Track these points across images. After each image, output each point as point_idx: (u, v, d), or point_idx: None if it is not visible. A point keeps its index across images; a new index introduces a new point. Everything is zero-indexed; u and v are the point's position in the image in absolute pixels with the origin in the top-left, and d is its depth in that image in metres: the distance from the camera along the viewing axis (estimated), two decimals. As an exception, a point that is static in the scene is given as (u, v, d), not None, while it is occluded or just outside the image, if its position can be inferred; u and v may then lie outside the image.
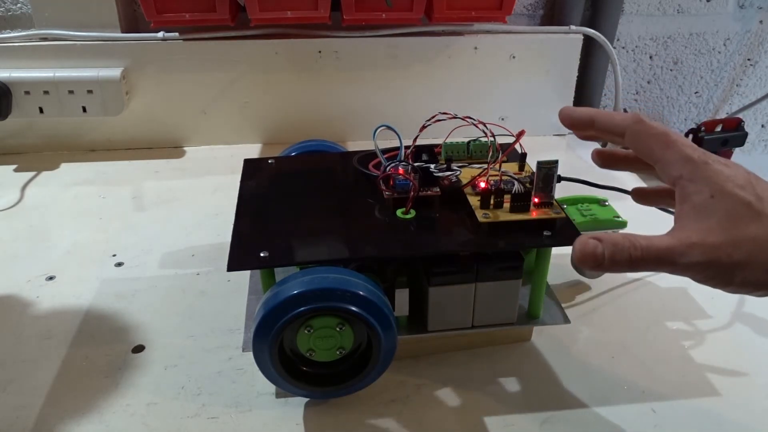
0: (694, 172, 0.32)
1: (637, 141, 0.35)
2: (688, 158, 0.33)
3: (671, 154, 0.33)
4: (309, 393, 0.40)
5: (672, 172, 0.33)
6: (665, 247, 0.31)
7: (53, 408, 0.41)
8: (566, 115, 0.38)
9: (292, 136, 0.71)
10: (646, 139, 0.34)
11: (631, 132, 0.35)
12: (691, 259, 0.31)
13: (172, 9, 0.66)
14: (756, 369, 0.44)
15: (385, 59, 0.74)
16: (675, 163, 0.33)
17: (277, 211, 0.43)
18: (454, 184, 0.44)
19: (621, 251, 0.31)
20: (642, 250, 0.31)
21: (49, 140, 0.75)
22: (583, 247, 0.32)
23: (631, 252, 0.31)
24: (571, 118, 0.38)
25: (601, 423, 0.40)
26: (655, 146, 0.34)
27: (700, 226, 0.31)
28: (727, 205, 0.31)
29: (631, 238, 0.32)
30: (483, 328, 0.42)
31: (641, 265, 0.31)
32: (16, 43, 0.69)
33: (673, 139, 0.34)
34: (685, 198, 0.32)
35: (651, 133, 0.34)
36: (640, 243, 0.31)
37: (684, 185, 0.32)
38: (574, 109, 0.38)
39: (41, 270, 0.54)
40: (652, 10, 0.81)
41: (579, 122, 0.38)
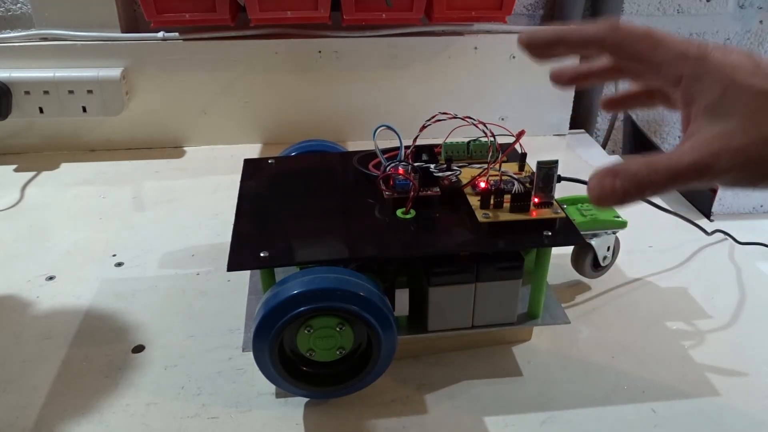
0: (696, 68, 0.29)
1: (621, 50, 0.31)
2: (684, 54, 0.29)
3: (664, 54, 0.30)
4: (309, 393, 0.40)
5: (669, 73, 0.30)
6: (689, 163, 0.28)
7: (53, 408, 0.41)
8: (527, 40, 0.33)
9: (292, 136, 0.71)
10: (631, 44, 0.31)
11: (612, 41, 0.31)
12: (720, 168, 0.27)
13: (172, 9, 0.66)
14: (756, 369, 0.44)
15: (385, 59, 0.74)
16: (671, 62, 0.29)
17: (277, 211, 0.43)
18: (454, 184, 0.44)
19: (642, 180, 0.28)
20: (664, 173, 0.28)
21: (49, 140, 0.75)
22: (600, 186, 0.29)
23: (653, 178, 0.28)
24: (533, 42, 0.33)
25: (601, 423, 0.40)
26: (643, 50, 0.30)
27: (719, 129, 0.28)
28: (743, 99, 0.28)
29: (648, 163, 0.28)
30: (483, 328, 0.42)
31: (667, 187, 0.28)
32: (16, 43, 0.69)
33: (661, 36, 0.30)
34: (692, 99, 0.29)
35: (635, 35, 0.30)
36: (659, 165, 0.28)
37: (688, 85, 0.29)
38: (535, 32, 0.33)
39: (41, 270, 0.54)
40: (652, 10, 0.81)
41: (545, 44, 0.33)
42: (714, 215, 0.64)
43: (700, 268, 0.55)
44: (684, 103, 0.29)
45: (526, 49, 0.34)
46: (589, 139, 0.83)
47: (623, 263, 0.54)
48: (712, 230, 0.59)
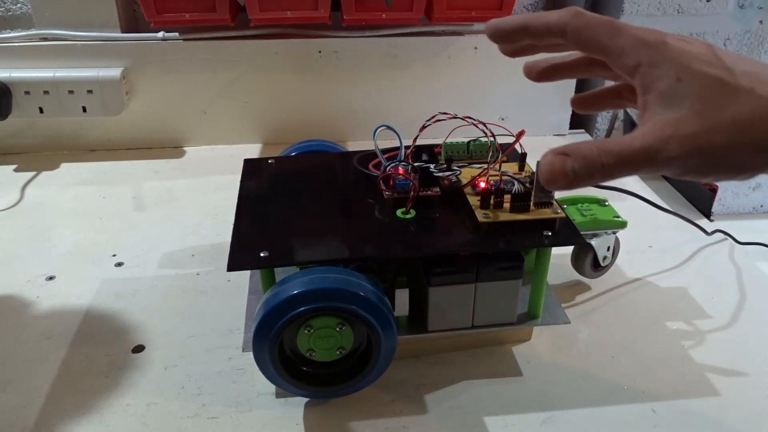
0: (653, 56, 0.29)
1: (580, 36, 0.31)
2: (643, 41, 0.29)
3: (623, 41, 0.29)
4: (309, 393, 0.40)
5: (628, 60, 0.29)
6: (639, 148, 0.28)
7: (53, 408, 0.40)
8: (493, 27, 0.34)
9: (292, 136, 0.71)
10: (590, 32, 0.30)
11: (573, 27, 0.31)
12: (669, 154, 0.27)
13: (172, 9, 0.66)
14: (756, 369, 0.44)
15: (385, 59, 0.74)
16: (629, 50, 0.29)
17: (277, 211, 0.43)
18: (454, 184, 0.44)
19: (592, 162, 0.28)
20: (615, 156, 0.28)
21: (49, 140, 0.75)
22: (550, 166, 0.29)
23: (603, 161, 0.28)
24: (499, 29, 0.34)
25: (601, 423, 0.40)
26: (602, 37, 0.30)
27: (671, 116, 0.28)
28: (697, 86, 0.28)
29: (599, 145, 0.28)
30: (483, 328, 0.42)
31: (617, 171, 0.28)
32: (16, 43, 0.69)
33: (621, 25, 0.30)
34: (648, 87, 0.29)
35: (595, 23, 0.30)
36: (610, 148, 0.28)
37: (645, 73, 0.29)
38: (502, 20, 0.33)
39: (41, 270, 0.54)
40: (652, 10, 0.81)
41: (510, 31, 0.33)
42: (714, 215, 0.64)
43: (700, 268, 0.55)
44: (641, 90, 0.29)
45: (492, 38, 0.34)
46: (589, 139, 0.83)
47: (623, 263, 0.54)
48: (712, 230, 0.59)
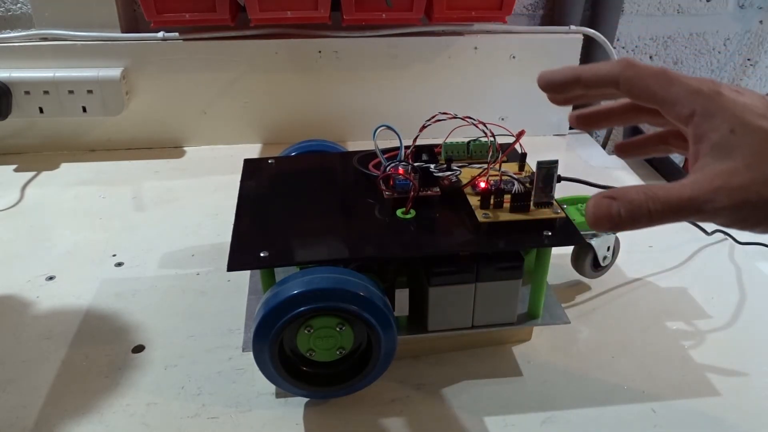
0: (707, 106, 0.29)
1: (633, 85, 0.31)
2: (697, 91, 0.29)
3: (677, 91, 0.30)
4: (309, 393, 0.40)
5: (682, 110, 0.30)
6: (688, 197, 0.28)
7: (53, 408, 0.41)
8: (545, 79, 0.34)
9: (292, 136, 0.71)
10: (644, 81, 0.31)
11: (625, 78, 0.31)
12: (717, 205, 0.28)
13: (172, 9, 0.66)
14: (756, 369, 0.44)
15: (385, 59, 0.74)
16: (683, 99, 0.30)
17: (277, 211, 0.43)
18: (454, 184, 0.44)
19: (639, 208, 0.28)
20: (662, 203, 0.28)
21: (49, 140, 0.74)
22: (596, 208, 0.29)
23: (650, 207, 0.28)
24: (550, 81, 0.34)
25: (601, 423, 0.40)
26: (656, 86, 0.30)
27: (722, 167, 0.28)
28: (750, 139, 0.28)
29: (647, 191, 0.28)
30: (483, 328, 0.42)
31: (663, 218, 0.28)
32: (16, 43, 0.69)
33: (674, 74, 0.30)
34: (701, 137, 0.29)
35: (648, 73, 0.31)
36: (658, 195, 0.28)
37: (698, 122, 0.29)
38: (554, 71, 0.34)
39: (41, 270, 0.54)
40: (652, 10, 0.81)
41: (562, 83, 0.34)
42: (714, 215, 0.64)
43: (700, 268, 0.55)
44: (694, 139, 0.29)
45: (544, 89, 0.35)
46: (589, 139, 0.83)
47: (623, 263, 0.54)
48: (712, 230, 0.59)
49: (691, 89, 0.30)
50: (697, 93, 0.29)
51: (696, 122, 0.29)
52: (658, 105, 0.31)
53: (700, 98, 0.29)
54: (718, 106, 0.29)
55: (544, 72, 0.34)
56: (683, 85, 0.30)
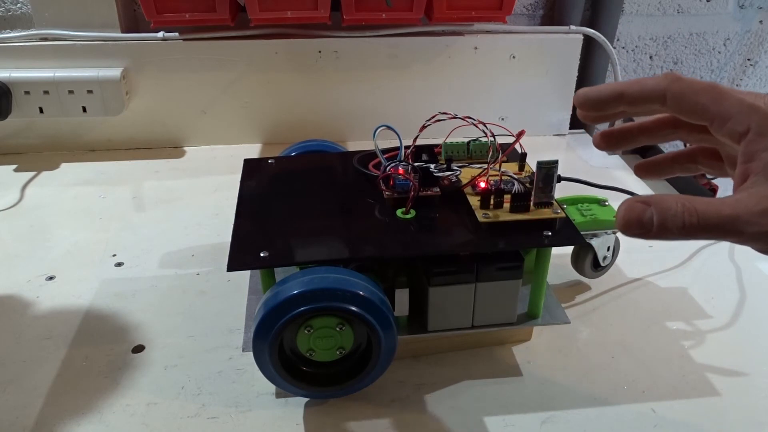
0: (763, 124, 0.27)
1: (682, 101, 0.29)
2: (753, 108, 0.28)
3: (730, 106, 0.28)
4: (309, 393, 0.40)
5: (736, 126, 0.28)
6: (729, 214, 0.26)
7: (53, 408, 0.41)
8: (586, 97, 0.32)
9: (292, 136, 0.71)
10: (694, 96, 0.29)
11: (674, 93, 0.29)
12: (761, 228, 0.26)
13: (172, 9, 0.66)
14: (756, 369, 0.44)
15: (385, 59, 0.74)
16: (737, 115, 0.28)
17: (277, 211, 0.43)
18: (454, 184, 0.44)
19: (673, 217, 0.27)
20: (699, 217, 0.26)
21: (49, 140, 0.74)
22: (628, 212, 0.27)
23: (685, 218, 0.27)
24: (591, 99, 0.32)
25: (601, 423, 0.40)
26: (707, 101, 0.29)
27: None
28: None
29: (685, 202, 0.27)
30: (483, 328, 0.42)
31: (697, 233, 0.27)
32: (16, 43, 0.69)
33: (726, 89, 0.29)
34: (753, 155, 0.27)
35: (697, 88, 0.29)
36: (697, 208, 0.27)
37: (752, 140, 0.27)
38: (595, 89, 0.32)
39: (41, 270, 0.54)
40: (652, 10, 0.81)
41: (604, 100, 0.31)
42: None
43: (700, 268, 0.55)
44: (745, 158, 0.28)
45: (582, 107, 0.32)
46: (589, 139, 0.83)
47: (623, 263, 0.54)
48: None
49: (746, 105, 0.28)
50: (752, 109, 0.28)
51: (750, 139, 0.28)
52: (708, 121, 0.29)
53: (756, 115, 0.28)
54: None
55: (585, 90, 0.32)
56: (737, 101, 0.28)
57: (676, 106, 0.30)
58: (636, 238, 0.28)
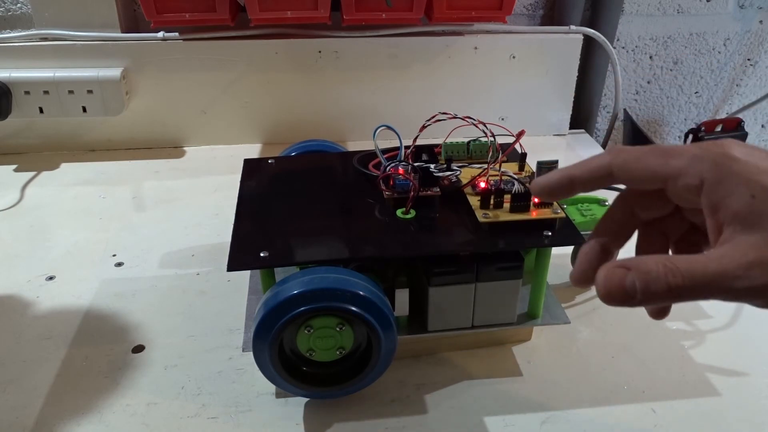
0: (716, 171, 0.26)
1: (629, 169, 0.29)
2: (699, 157, 0.27)
3: (678, 163, 0.27)
4: (309, 393, 0.40)
5: (689, 180, 0.27)
6: (716, 271, 0.25)
7: (53, 408, 0.41)
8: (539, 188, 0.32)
9: (292, 136, 0.71)
10: (638, 163, 0.28)
11: (618, 165, 0.29)
12: (753, 282, 0.25)
13: (172, 9, 0.66)
14: (756, 369, 0.44)
15: (385, 59, 0.74)
16: (688, 169, 0.27)
17: (277, 211, 0.43)
18: (454, 184, 0.44)
19: (656, 281, 0.25)
20: (684, 277, 0.25)
21: (49, 140, 0.75)
22: (607, 280, 0.26)
23: (669, 281, 0.25)
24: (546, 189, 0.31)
25: (601, 423, 0.40)
26: (653, 164, 0.28)
27: (754, 238, 0.25)
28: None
29: (667, 262, 0.25)
30: (483, 328, 0.42)
31: (686, 294, 0.25)
32: (16, 43, 0.69)
33: (669, 147, 0.28)
34: (717, 206, 0.26)
35: (639, 154, 0.28)
36: (679, 267, 0.25)
37: (710, 191, 0.26)
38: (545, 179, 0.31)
39: (41, 270, 0.54)
40: (652, 10, 0.81)
41: (557, 188, 0.31)
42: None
43: (700, 268, 0.55)
44: (710, 210, 0.26)
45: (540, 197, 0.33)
46: (589, 139, 0.83)
47: (623, 263, 0.54)
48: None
49: (693, 156, 0.27)
50: (700, 159, 0.27)
51: (707, 190, 0.26)
52: (660, 182, 0.28)
53: (705, 164, 0.26)
54: (728, 170, 0.26)
55: (536, 181, 0.32)
56: (683, 155, 0.27)
57: (626, 177, 0.29)
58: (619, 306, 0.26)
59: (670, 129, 0.92)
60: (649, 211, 0.31)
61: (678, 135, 0.93)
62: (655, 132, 0.92)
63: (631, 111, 0.88)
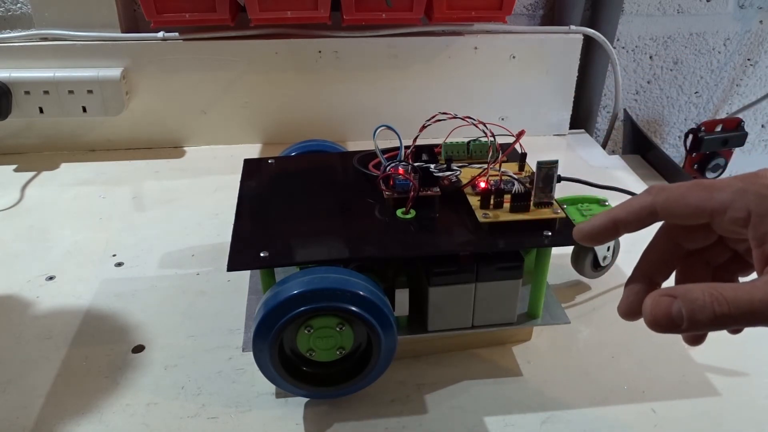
0: (762, 205, 0.27)
1: (674, 207, 0.29)
2: (744, 191, 0.27)
3: (722, 196, 0.28)
4: (309, 393, 0.40)
5: (736, 214, 0.27)
6: (762, 299, 0.25)
7: (53, 408, 0.41)
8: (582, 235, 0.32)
9: (292, 136, 0.71)
10: (683, 200, 0.29)
11: (661, 203, 0.29)
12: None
13: (172, 9, 0.66)
14: (756, 369, 0.44)
15: (385, 59, 0.74)
16: (733, 203, 0.27)
17: (277, 211, 0.43)
18: (454, 184, 0.44)
19: (702, 309, 0.26)
20: (729, 306, 0.25)
21: (49, 140, 0.74)
22: (655, 308, 0.27)
23: (715, 308, 0.25)
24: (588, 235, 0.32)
25: (601, 423, 0.40)
26: (697, 199, 0.28)
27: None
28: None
29: (713, 291, 0.26)
30: (483, 328, 0.42)
31: (731, 322, 0.26)
32: (16, 43, 0.69)
33: (711, 182, 0.29)
34: (764, 236, 0.27)
35: (683, 191, 0.29)
36: (726, 296, 0.25)
37: (758, 222, 0.27)
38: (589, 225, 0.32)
39: (41, 270, 0.54)
40: (652, 10, 0.81)
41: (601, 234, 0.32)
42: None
43: (700, 268, 0.55)
44: (757, 242, 0.27)
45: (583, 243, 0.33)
46: (589, 139, 0.83)
47: (623, 263, 0.54)
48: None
49: (738, 190, 0.27)
50: (744, 192, 0.27)
51: (755, 222, 0.27)
52: (706, 218, 0.28)
53: (750, 197, 0.27)
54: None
55: (580, 228, 0.32)
56: (726, 189, 0.28)
57: (670, 215, 0.30)
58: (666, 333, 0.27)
59: (670, 129, 0.92)
60: (694, 242, 0.32)
61: (678, 135, 0.93)
62: (655, 132, 0.92)
63: (631, 111, 0.88)
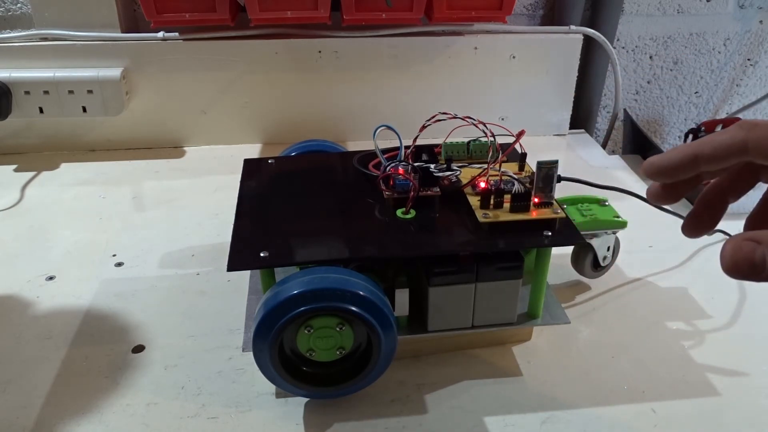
0: None
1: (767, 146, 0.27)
2: None
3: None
4: (309, 393, 0.40)
5: None
6: None
7: (53, 408, 0.41)
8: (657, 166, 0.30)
9: (292, 136, 0.71)
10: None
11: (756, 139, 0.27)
12: None
13: (172, 9, 0.66)
14: (756, 369, 0.44)
15: (385, 59, 0.74)
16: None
17: (277, 211, 0.43)
18: (454, 184, 0.44)
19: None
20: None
21: (49, 140, 0.75)
22: (735, 251, 0.26)
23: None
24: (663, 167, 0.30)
25: (601, 423, 0.40)
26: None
27: None
28: None
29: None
30: (483, 328, 0.42)
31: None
32: (16, 43, 0.69)
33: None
34: None
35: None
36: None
37: None
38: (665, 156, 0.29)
39: (41, 270, 0.54)
40: (652, 10, 0.81)
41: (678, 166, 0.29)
42: (714, 215, 0.63)
43: (700, 268, 0.55)
44: None
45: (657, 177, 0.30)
46: (589, 139, 0.83)
47: (623, 263, 0.54)
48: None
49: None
50: None
51: None
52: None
53: None
54: None
55: (653, 161, 0.30)
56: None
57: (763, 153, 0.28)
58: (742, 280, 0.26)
59: (670, 129, 0.92)
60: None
61: (678, 135, 0.93)
62: (655, 132, 0.92)
63: (631, 111, 0.88)
